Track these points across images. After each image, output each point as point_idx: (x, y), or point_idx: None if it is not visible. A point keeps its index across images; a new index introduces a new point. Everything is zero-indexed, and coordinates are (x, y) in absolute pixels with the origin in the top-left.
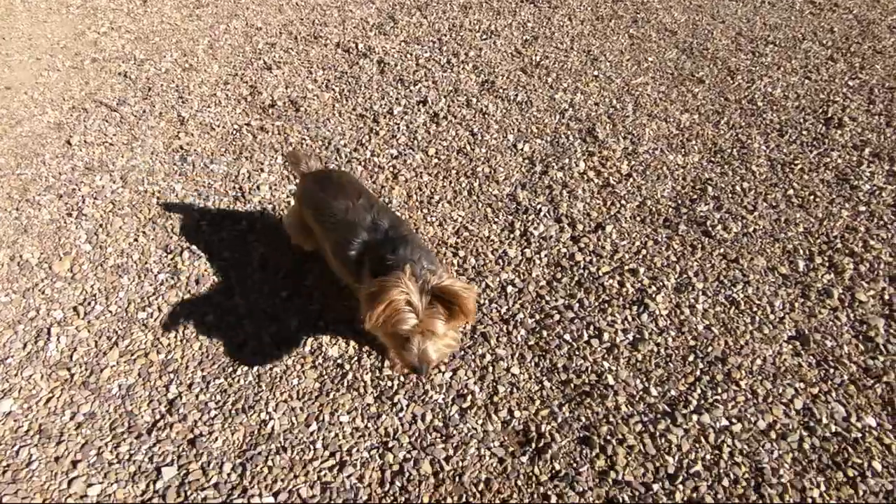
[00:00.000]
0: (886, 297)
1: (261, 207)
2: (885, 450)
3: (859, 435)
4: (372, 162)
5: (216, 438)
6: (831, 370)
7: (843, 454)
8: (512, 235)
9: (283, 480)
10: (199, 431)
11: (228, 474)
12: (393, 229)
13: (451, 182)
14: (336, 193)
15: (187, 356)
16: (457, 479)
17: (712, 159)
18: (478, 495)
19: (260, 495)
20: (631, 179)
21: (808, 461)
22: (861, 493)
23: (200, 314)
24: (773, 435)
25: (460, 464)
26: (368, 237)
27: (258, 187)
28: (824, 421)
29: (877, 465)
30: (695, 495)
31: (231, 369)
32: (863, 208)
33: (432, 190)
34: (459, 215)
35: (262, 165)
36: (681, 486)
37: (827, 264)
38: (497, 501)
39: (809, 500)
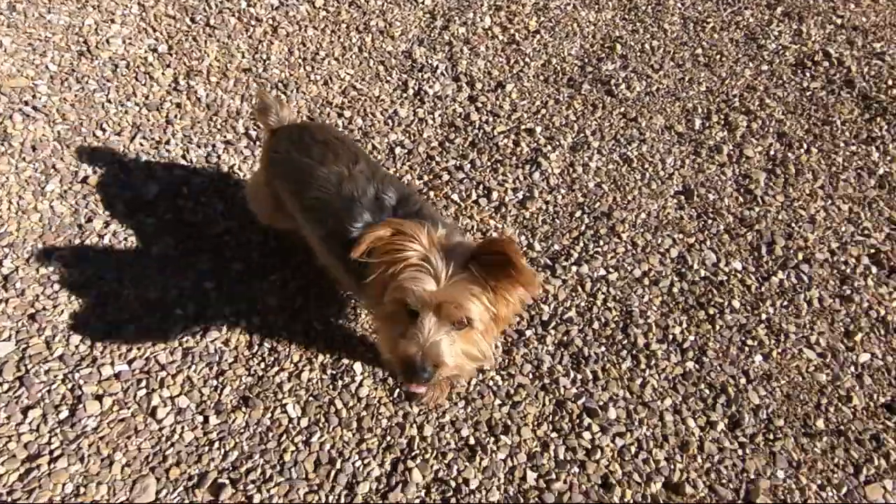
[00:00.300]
0: (772, 152)
1: (113, 64)
2: (746, 290)
3: (725, 278)
4: (248, 14)
5: (62, 312)
6: (710, 221)
7: (707, 295)
8: (405, 95)
9: (139, 349)
10: (42, 306)
11: (77, 346)
12: (403, 204)
13: (339, 37)
14: (323, 156)
15: (24, 228)
16: (328, 338)
17: (626, 16)
18: (348, 352)
19: (112, 364)
20: (538, 37)
21: (674, 303)
22: (717, 327)
23: (39, 183)
24: (646, 282)
25: (333, 323)
26: (372, 219)
27: (108, 41)
28: (695, 267)
29: (735, 303)
30: (565, 338)
31: (78, 241)
32: (765, 67)
33: (318, 46)
34: (348, 73)
35: (114, 16)
36: (553, 331)
37: (722, 122)
38: (362, 356)
39: (671, 337)
